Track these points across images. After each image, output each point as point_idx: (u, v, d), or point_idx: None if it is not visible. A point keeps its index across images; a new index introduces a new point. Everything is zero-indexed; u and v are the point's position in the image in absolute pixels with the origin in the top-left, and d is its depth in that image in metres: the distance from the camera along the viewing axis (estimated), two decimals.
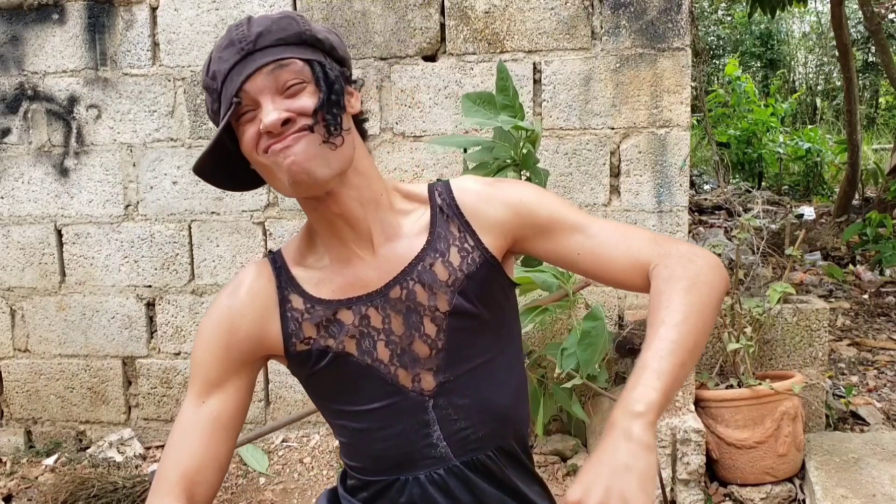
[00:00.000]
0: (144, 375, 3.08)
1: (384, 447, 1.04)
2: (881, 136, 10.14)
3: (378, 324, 1.02)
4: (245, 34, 0.94)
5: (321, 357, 1.02)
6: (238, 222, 2.97)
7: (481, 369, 1.04)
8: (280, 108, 0.93)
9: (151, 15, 2.94)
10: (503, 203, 1.05)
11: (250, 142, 0.95)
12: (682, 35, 2.73)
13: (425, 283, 1.01)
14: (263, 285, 1.04)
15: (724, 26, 12.36)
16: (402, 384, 1.02)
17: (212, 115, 1.00)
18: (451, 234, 1.04)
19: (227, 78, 0.94)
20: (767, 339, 2.79)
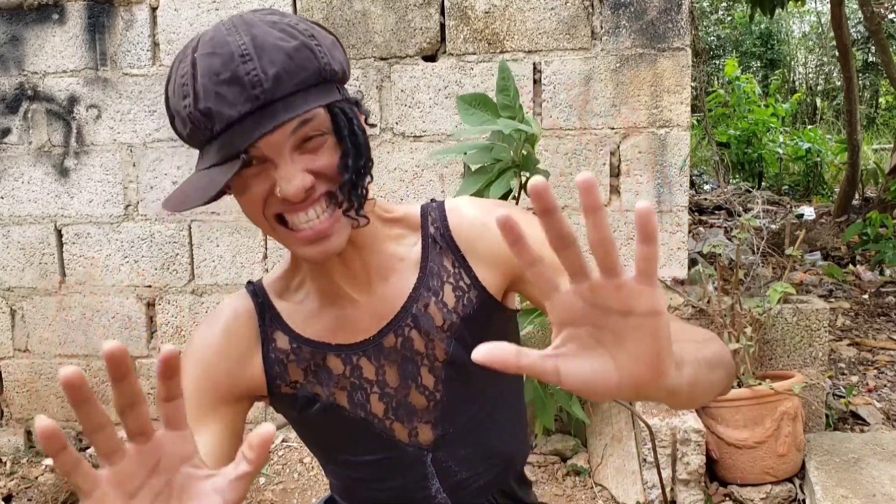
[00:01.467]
0: (144, 375, 3.07)
1: (380, 497, 0.98)
2: (881, 136, 10.14)
3: (371, 375, 0.92)
4: (258, 77, 0.74)
5: (309, 404, 0.93)
6: (238, 222, 2.97)
7: (482, 416, 0.97)
8: (299, 169, 0.78)
9: (151, 15, 2.94)
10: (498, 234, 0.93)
11: (256, 202, 0.80)
12: (682, 35, 2.73)
13: (421, 328, 0.91)
14: (243, 323, 0.93)
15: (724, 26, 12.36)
16: (399, 439, 0.95)
17: (183, 138, 0.83)
18: (445, 268, 0.93)
19: (232, 127, 0.76)
20: (767, 339, 2.79)
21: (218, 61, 0.75)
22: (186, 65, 0.77)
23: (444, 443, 0.95)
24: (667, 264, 2.82)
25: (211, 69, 0.75)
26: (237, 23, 0.78)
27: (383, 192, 2.89)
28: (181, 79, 0.78)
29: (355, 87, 2.87)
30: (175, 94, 0.79)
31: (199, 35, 0.80)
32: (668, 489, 2.37)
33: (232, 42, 0.76)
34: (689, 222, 3.39)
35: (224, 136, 0.76)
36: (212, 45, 0.76)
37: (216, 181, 0.76)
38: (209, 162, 0.78)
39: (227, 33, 0.77)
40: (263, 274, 1.04)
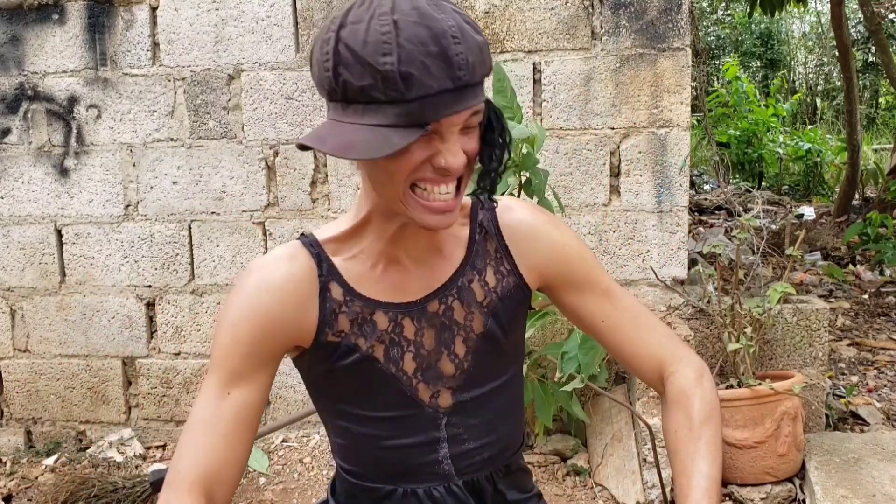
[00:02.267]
0: (144, 375, 3.08)
1: (387, 456, 1.01)
2: (881, 136, 10.15)
3: (410, 335, 0.99)
4: (465, 60, 0.80)
5: (347, 354, 0.97)
6: (238, 222, 2.97)
7: (495, 392, 1.04)
8: (460, 149, 0.86)
9: (151, 15, 2.94)
10: (548, 244, 1.03)
11: (408, 166, 0.85)
12: (682, 35, 2.73)
13: (464, 300, 1.00)
14: (303, 272, 0.96)
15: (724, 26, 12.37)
16: (420, 398, 1.00)
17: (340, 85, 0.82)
18: (488, 252, 1.02)
19: (426, 98, 0.79)
20: (767, 339, 2.79)
21: (426, 33, 0.78)
22: (387, 24, 0.79)
23: (460, 409, 1.01)
24: (667, 264, 2.82)
25: (419, 38, 0.78)
26: (432, 1, 0.81)
27: None
28: (381, 35, 0.78)
29: None
30: (367, 45, 0.79)
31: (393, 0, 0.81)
32: (668, 489, 2.36)
33: (442, 20, 0.79)
34: (689, 222, 3.39)
35: (414, 104, 0.79)
36: (418, 15, 0.79)
37: (395, 143, 0.79)
38: (382, 121, 0.80)
39: (432, 9, 0.80)
40: None
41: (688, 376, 1.02)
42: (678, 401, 1.02)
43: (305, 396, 3.01)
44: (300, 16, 2.87)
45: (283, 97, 2.90)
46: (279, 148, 2.93)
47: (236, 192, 2.96)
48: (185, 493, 0.88)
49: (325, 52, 0.82)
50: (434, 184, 0.86)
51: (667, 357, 1.04)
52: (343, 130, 0.82)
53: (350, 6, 0.83)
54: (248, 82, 2.92)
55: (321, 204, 2.94)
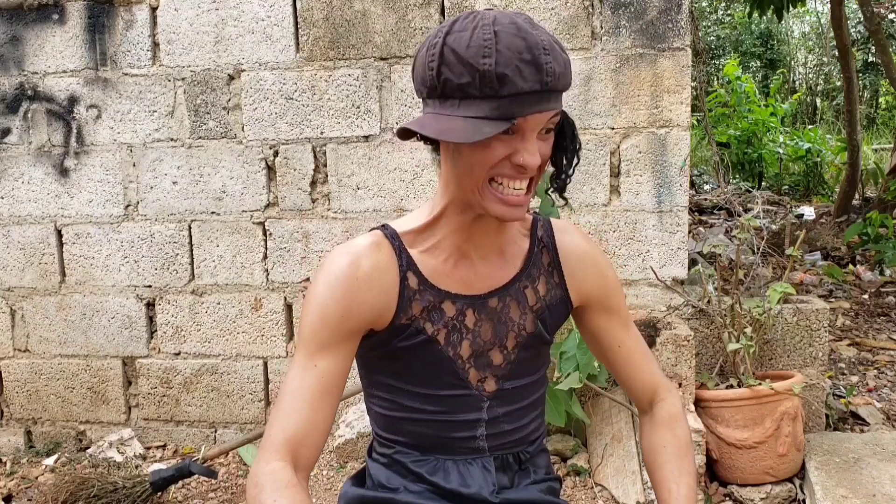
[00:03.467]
0: (144, 375, 3.08)
1: (430, 430, 1.12)
2: (881, 136, 10.14)
3: (471, 324, 1.11)
4: (552, 69, 0.93)
5: (414, 336, 1.08)
6: (238, 222, 2.97)
7: (530, 386, 1.17)
8: (537, 150, 0.97)
9: (151, 15, 2.94)
10: (596, 271, 1.18)
11: (489, 159, 0.97)
12: (682, 35, 2.73)
13: (519, 302, 1.13)
14: (387, 261, 1.07)
15: (724, 26, 12.37)
16: (470, 381, 1.12)
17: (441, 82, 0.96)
18: (543, 265, 1.16)
19: (515, 96, 0.93)
20: (767, 339, 2.79)
21: (522, 43, 0.93)
22: (489, 32, 0.93)
23: (501, 396, 1.14)
24: (667, 264, 2.82)
25: (515, 46, 0.92)
26: (529, 21, 0.96)
27: (383, 192, 2.89)
28: (483, 41, 0.93)
29: (355, 87, 2.87)
30: (470, 48, 0.93)
31: (495, 14, 0.96)
32: None
33: (535, 34, 0.94)
34: (689, 222, 3.39)
35: (504, 101, 0.93)
36: (516, 28, 0.93)
37: (484, 131, 0.92)
38: (476, 113, 0.93)
39: (528, 26, 0.94)
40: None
41: (676, 406, 1.22)
42: (668, 423, 1.20)
43: None
44: (300, 16, 2.87)
45: (283, 97, 2.90)
46: (279, 148, 2.93)
47: (236, 192, 2.96)
48: (273, 455, 0.99)
49: (431, 55, 0.96)
50: (510, 179, 0.99)
51: (660, 386, 1.23)
52: (440, 120, 0.96)
53: (455, 18, 0.98)
54: (248, 82, 2.92)
55: (321, 204, 2.94)
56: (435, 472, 1.12)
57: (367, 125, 2.88)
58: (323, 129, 2.90)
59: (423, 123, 0.98)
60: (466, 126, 0.93)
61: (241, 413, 3.05)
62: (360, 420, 2.81)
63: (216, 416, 3.06)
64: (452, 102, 0.95)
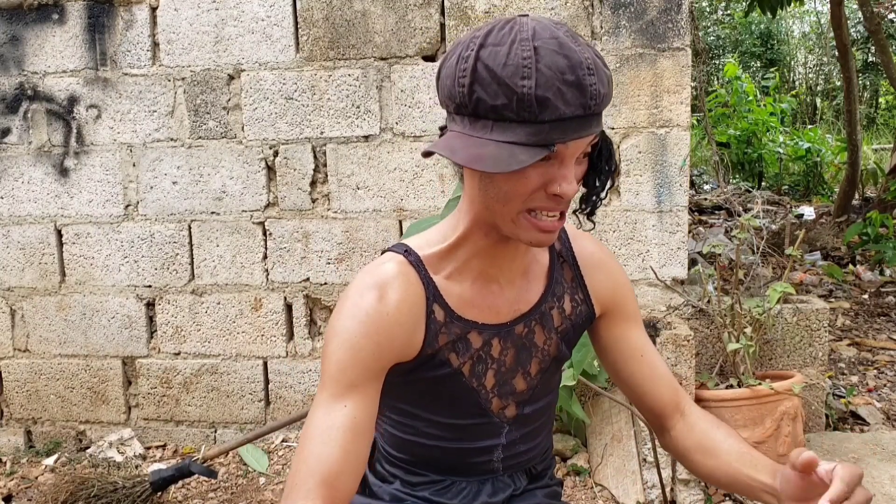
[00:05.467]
0: (144, 375, 3.08)
1: (446, 455, 1.10)
2: (881, 136, 10.15)
3: (496, 354, 1.06)
4: (597, 91, 0.85)
5: (439, 367, 1.03)
6: (238, 222, 2.97)
7: (546, 407, 1.15)
8: (574, 177, 0.91)
9: (151, 15, 2.94)
10: (614, 277, 1.13)
11: (526, 189, 0.89)
12: (682, 35, 2.73)
13: (544, 325, 1.08)
14: (415, 294, 1.00)
15: (724, 26, 12.37)
16: (492, 410, 1.08)
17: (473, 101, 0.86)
18: (566, 281, 1.10)
19: (557, 122, 0.84)
20: (767, 339, 2.79)
21: (565, 62, 0.84)
22: (528, 49, 0.84)
23: (521, 420, 1.11)
24: (667, 264, 2.82)
25: (557, 66, 0.83)
26: (570, 33, 0.87)
27: (383, 192, 2.89)
28: (522, 60, 0.83)
29: (355, 87, 2.87)
30: (507, 67, 0.83)
31: (533, 25, 0.86)
32: (668, 489, 2.37)
33: (578, 51, 0.85)
34: (689, 222, 3.39)
35: (544, 126, 0.84)
36: (558, 44, 0.84)
37: (521, 159, 0.84)
38: (510, 138, 0.84)
39: (569, 41, 0.85)
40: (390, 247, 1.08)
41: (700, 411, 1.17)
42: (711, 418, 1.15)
43: (305, 396, 3.01)
44: (300, 16, 2.87)
45: (283, 97, 2.90)
46: (279, 148, 2.93)
47: (236, 192, 2.96)
48: (305, 497, 0.90)
49: (462, 69, 0.86)
50: (548, 210, 0.92)
51: (681, 393, 1.17)
52: (471, 143, 0.86)
53: (490, 28, 0.87)
54: (248, 82, 2.92)
55: (321, 204, 2.94)
56: (444, 491, 1.10)
57: (367, 125, 2.88)
58: (323, 129, 2.90)
59: (452, 148, 0.88)
60: (500, 152, 0.84)
61: (241, 413, 3.05)
62: None
63: (216, 416, 3.06)
64: (485, 124, 0.86)
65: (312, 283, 2.96)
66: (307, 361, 3.01)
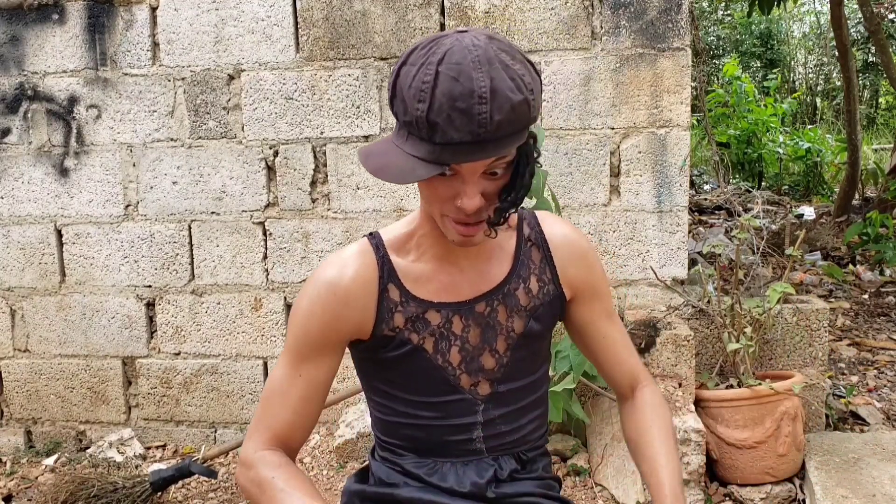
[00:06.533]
0: (144, 375, 3.08)
1: (426, 434, 1.14)
2: (881, 136, 10.14)
3: (458, 331, 1.11)
4: (486, 119, 0.89)
5: (400, 346, 1.10)
6: (238, 222, 2.97)
7: (529, 386, 1.17)
8: (478, 191, 0.95)
9: (151, 15, 2.94)
10: (585, 260, 1.17)
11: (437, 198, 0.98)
12: (682, 35, 2.73)
13: (508, 305, 1.12)
14: (369, 274, 1.09)
15: (724, 26, 12.36)
16: (462, 386, 1.13)
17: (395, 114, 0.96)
18: (533, 262, 1.15)
19: (448, 145, 0.90)
20: (767, 339, 2.79)
21: (458, 89, 0.88)
22: (430, 74, 0.90)
23: (497, 398, 1.14)
24: (667, 264, 2.82)
25: (451, 93, 0.88)
26: (481, 57, 0.90)
27: (383, 192, 2.89)
28: (422, 84, 0.90)
29: (355, 87, 2.87)
30: (410, 89, 0.91)
31: (449, 47, 0.90)
32: None
33: (475, 79, 0.89)
34: (689, 222, 3.39)
35: (437, 147, 0.91)
36: (458, 70, 0.89)
37: (418, 174, 0.91)
38: (415, 151, 0.92)
39: (472, 66, 0.89)
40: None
41: (657, 393, 1.23)
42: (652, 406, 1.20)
43: None
44: (300, 16, 2.87)
45: (283, 97, 2.90)
46: (279, 148, 2.93)
47: (236, 192, 2.96)
48: (261, 445, 1.09)
49: (391, 80, 0.95)
50: (457, 220, 0.98)
51: (641, 374, 1.23)
52: (388, 151, 0.95)
53: (419, 44, 0.94)
54: (248, 82, 2.92)
55: (321, 204, 2.94)
56: (432, 473, 1.14)
57: (367, 125, 2.88)
58: (323, 129, 2.90)
59: (370, 152, 0.97)
60: (405, 165, 0.92)
61: (241, 413, 3.05)
62: (359, 420, 2.81)
63: (216, 416, 3.06)
64: (402, 133, 0.94)
65: None
66: None
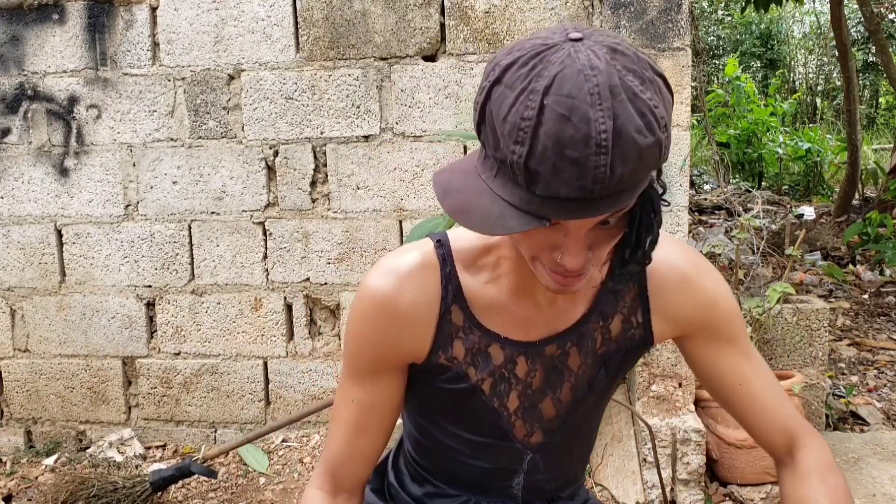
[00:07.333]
0: (144, 375, 3.08)
1: (464, 471, 1.03)
2: (881, 136, 10.15)
3: (521, 374, 0.96)
4: (604, 174, 0.67)
5: (456, 381, 0.95)
6: (238, 222, 2.97)
7: (583, 434, 1.05)
8: (585, 246, 0.76)
9: (151, 15, 2.94)
10: (697, 300, 0.95)
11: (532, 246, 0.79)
12: (682, 35, 2.73)
13: (582, 348, 0.95)
14: (430, 294, 0.92)
15: (724, 26, 12.37)
16: (515, 434, 0.99)
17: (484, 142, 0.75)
18: (623, 300, 0.95)
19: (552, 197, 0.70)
20: (767, 339, 2.79)
21: (570, 133, 0.67)
22: (533, 107, 0.68)
23: (547, 447, 1.01)
24: None
25: (560, 138, 0.67)
26: (602, 85, 0.67)
27: (383, 192, 2.90)
28: (520, 120, 0.68)
29: (355, 87, 2.87)
30: (505, 123, 0.69)
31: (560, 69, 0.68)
32: (668, 489, 2.37)
33: (593, 121, 0.67)
34: (689, 222, 3.39)
35: (538, 199, 0.70)
36: (569, 106, 0.67)
37: (509, 226, 0.71)
38: (505, 196, 0.72)
39: (590, 102, 0.67)
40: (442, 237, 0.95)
41: (825, 453, 0.96)
42: (819, 472, 0.94)
43: (305, 396, 3.01)
44: (300, 16, 2.87)
45: (283, 97, 2.90)
46: (279, 148, 2.93)
47: (236, 192, 2.96)
48: (315, 482, 1.01)
49: (477, 98, 0.74)
50: (555, 272, 0.79)
51: (800, 430, 0.98)
52: (469, 186, 0.75)
53: (518, 56, 0.71)
54: (248, 82, 2.92)
55: (321, 204, 2.94)
56: None
57: (367, 125, 2.88)
58: (323, 129, 2.90)
59: (450, 185, 0.77)
60: (491, 209, 0.72)
61: (241, 413, 3.05)
62: None
63: (216, 416, 3.07)
64: (492, 164, 0.74)
65: (312, 283, 2.96)
66: (307, 361, 3.01)
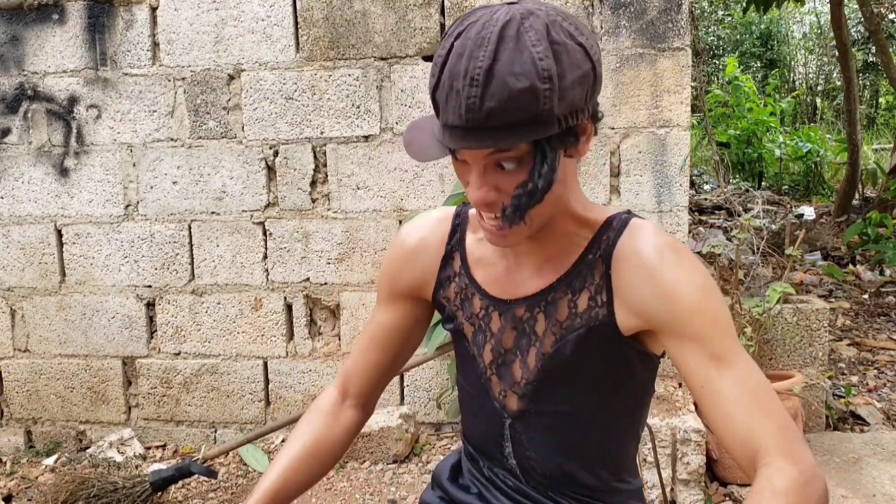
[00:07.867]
0: (144, 375, 3.08)
1: (472, 424, 1.13)
2: (881, 136, 10.15)
3: (494, 329, 1.04)
4: (474, 104, 0.78)
5: (449, 320, 1.10)
6: (238, 222, 2.97)
7: (564, 419, 1.02)
8: (487, 183, 0.85)
9: (151, 15, 2.94)
10: (655, 291, 0.91)
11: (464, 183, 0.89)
12: (682, 35, 2.73)
13: (549, 316, 0.99)
14: (438, 237, 1.09)
15: (724, 26, 12.37)
16: (492, 389, 1.07)
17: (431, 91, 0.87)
18: (592, 277, 0.96)
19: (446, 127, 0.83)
20: (767, 339, 2.79)
21: (459, 67, 0.80)
22: (445, 48, 0.82)
23: (524, 418, 1.04)
24: None
25: (451, 72, 0.81)
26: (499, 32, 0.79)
27: (383, 192, 2.89)
28: (437, 58, 0.83)
29: (355, 87, 2.87)
30: (435, 61, 0.84)
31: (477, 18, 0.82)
32: (668, 489, 2.37)
33: (474, 58, 0.79)
34: (689, 222, 3.39)
35: (444, 130, 0.84)
36: (469, 47, 0.80)
37: (429, 153, 0.85)
38: (435, 129, 0.86)
39: (478, 44, 0.79)
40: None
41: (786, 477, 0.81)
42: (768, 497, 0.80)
43: (305, 396, 3.01)
44: (300, 16, 2.87)
45: (283, 97, 2.90)
46: (279, 148, 2.93)
47: (236, 192, 2.96)
48: (334, 382, 1.18)
49: None
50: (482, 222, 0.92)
51: (763, 448, 0.84)
52: (426, 126, 0.88)
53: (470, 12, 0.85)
54: (248, 82, 2.92)
55: (321, 204, 2.94)
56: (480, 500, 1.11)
57: (367, 125, 2.88)
58: (323, 129, 2.90)
59: (415, 123, 0.90)
60: (428, 143, 0.86)
61: (241, 413, 3.05)
62: None
63: (216, 416, 3.06)
64: None
65: (312, 283, 2.96)
66: (307, 361, 3.01)
